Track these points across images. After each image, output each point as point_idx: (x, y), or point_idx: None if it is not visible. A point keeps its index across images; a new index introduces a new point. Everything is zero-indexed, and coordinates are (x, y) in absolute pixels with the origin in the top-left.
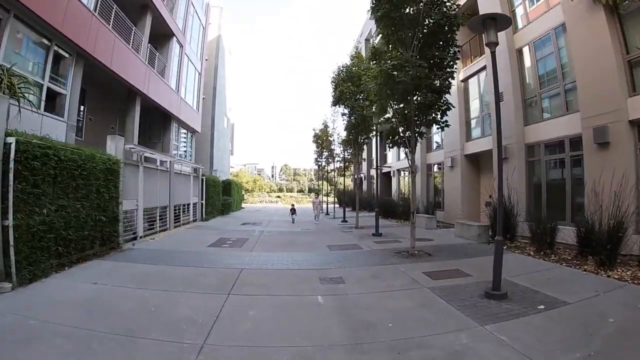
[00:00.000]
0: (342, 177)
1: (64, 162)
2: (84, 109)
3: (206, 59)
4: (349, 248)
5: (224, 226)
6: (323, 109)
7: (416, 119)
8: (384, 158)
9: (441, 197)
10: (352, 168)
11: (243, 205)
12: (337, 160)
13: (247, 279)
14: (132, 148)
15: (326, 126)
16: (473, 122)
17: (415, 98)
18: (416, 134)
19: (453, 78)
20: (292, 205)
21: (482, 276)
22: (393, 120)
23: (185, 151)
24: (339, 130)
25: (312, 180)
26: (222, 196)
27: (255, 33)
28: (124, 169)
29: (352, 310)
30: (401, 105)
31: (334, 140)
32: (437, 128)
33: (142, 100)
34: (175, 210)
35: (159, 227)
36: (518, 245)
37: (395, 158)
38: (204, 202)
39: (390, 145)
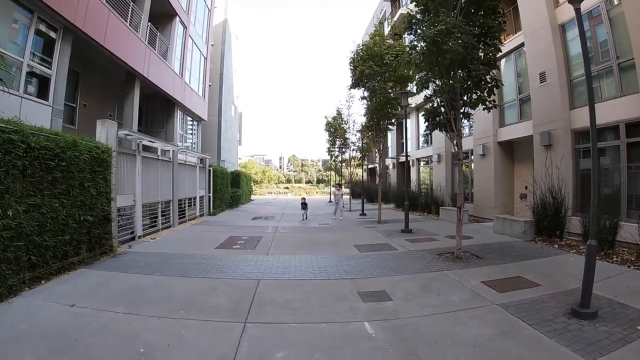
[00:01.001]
0: (358, 168)
1: (35, 151)
2: (77, 94)
3: (212, 44)
4: (381, 249)
5: (233, 221)
6: (333, 97)
7: (461, 97)
8: (400, 147)
9: (468, 188)
10: (371, 157)
11: (252, 197)
12: (353, 150)
13: (267, 295)
14: (128, 134)
15: (339, 113)
16: (507, 106)
17: (460, 72)
18: (461, 115)
19: (500, 51)
20: (303, 198)
21: (552, 286)
22: (435, 98)
23: (191, 141)
24: (354, 117)
25: (320, 171)
26: (230, 188)
27: (261, 21)
28: (117, 159)
29: (417, 346)
30: (446, 81)
31: (349, 127)
32: (484, 109)
33: (142, 85)
34: (180, 204)
35: (162, 224)
36: (569, 244)
37: (415, 146)
38: (211, 195)
39: (431, 128)
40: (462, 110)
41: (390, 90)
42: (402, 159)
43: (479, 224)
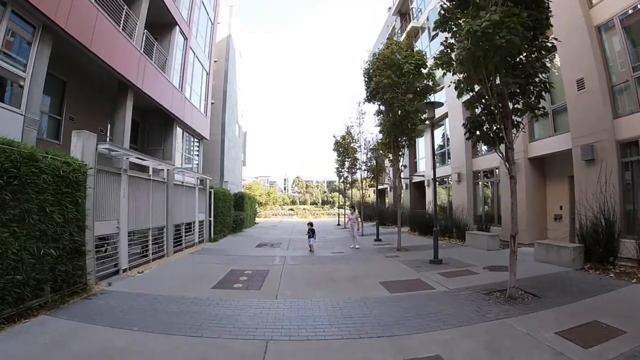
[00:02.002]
0: (371, 188)
1: None
2: (62, 105)
3: (215, 61)
4: (414, 287)
5: (236, 250)
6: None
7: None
8: (413, 166)
9: (492, 209)
10: (381, 177)
11: (257, 220)
12: (365, 170)
13: None
14: (111, 149)
15: (348, 132)
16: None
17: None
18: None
19: (549, 50)
20: (310, 224)
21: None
22: (477, 105)
23: (191, 160)
24: (366, 134)
25: (325, 192)
26: (233, 212)
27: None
28: (96, 178)
29: None
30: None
31: (360, 146)
32: (532, 117)
33: (137, 98)
34: (176, 230)
35: (153, 254)
36: (625, 271)
37: (430, 165)
38: (212, 219)
39: (475, 140)
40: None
41: (407, 102)
42: (416, 178)
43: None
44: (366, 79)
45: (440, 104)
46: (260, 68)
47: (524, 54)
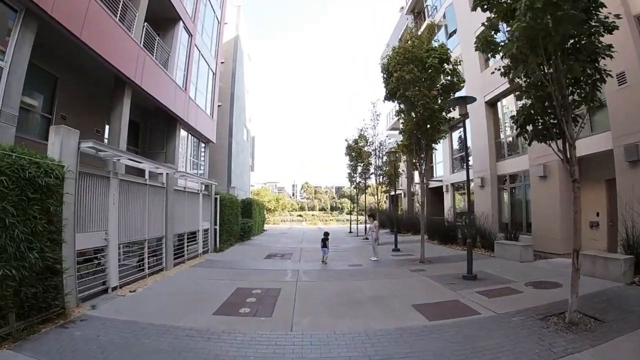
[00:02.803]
0: (384, 194)
1: None
2: (54, 103)
3: (222, 62)
4: (454, 312)
5: (243, 262)
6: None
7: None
8: (430, 171)
9: (520, 216)
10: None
11: (265, 227)
12: (380, 174)
13: None
14: (98, 149)
15: (361, 135)
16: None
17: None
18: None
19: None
20: (326, 234)
21: None
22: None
23: (196, 164)
24: (381, 137)
25: (334, 198)
26: (241, 219)
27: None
28: (78, 182)
29: None
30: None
31: (374, 150)
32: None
33: (136, 96)
34: (178, 240)
35: (150, 267)
36: None
37: (449, 170)
38: (217, 227)
39: (530, 137)
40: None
41: (431, 99)
42: (433, 184)
43: (546, 260)
44: (385, 76)
45: (474, 99)
46: (268, 74)
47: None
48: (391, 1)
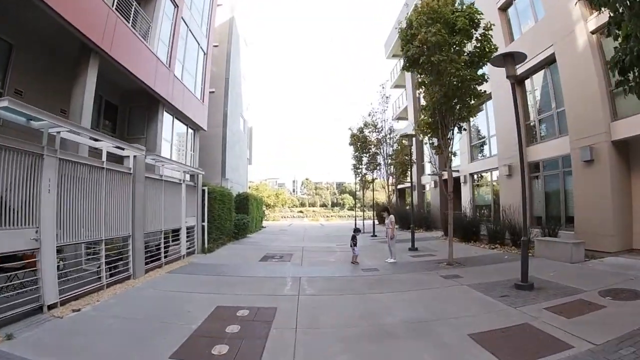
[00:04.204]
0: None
1: None
2: (6, 74)
3: (216, 45)
4: (538, 349)
5: (232, 266)
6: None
7: None
8: (444, 161)
9: (558, 209)
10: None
11: (264, 223)
12: (389, 164)
13: None
14: (16, 110)
15: (366, 123)
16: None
17: None
18: None
19: None
20: (356, 231)
21: None
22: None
23: (184, 154)
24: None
25: (335, 194)
26: (235, 214)
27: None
28: None
29: None
30: None
31: (385, 137)
32: None
33: (107, 66)
34: (154, 240)
35: (111, 275)
36: None
37: (467, 159)
38: (205, 224)
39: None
40: None
41: (463, 66)
42: (446, 175)
43: (600, 261)
44: (405, 39)
45: (524, 55)
46: (268, 69)
47: None
48: None
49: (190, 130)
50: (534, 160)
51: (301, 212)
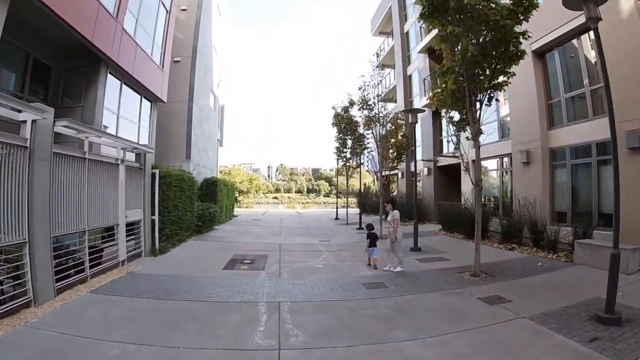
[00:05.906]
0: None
1: None
2: None
3: (184, 9)
4: None
5: (183, 279)
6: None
7: None
8: (438, 145)
9: (590, 204)
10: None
11: (236, 211)
12: (379, 146)
13: None
14: None
15: (351, 102)
16: None
17: None
18: None
19: None
20: (371, 230)
21: None
22: None
23: (136, 128)
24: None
25: (311, 180)
26: (197, 204)
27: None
28: None
29: None
30: None
31: (376, 115)
32: None
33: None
34: (70, 245)
35: None
36: None
37: (469, 143)
38: (156, 217)
39: None
40: None
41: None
42: (443, 161)
43: None
44: None
45: None
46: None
47: None
48: None
49: (146, 102)
50: (556, 146)
51: (276, 198)
